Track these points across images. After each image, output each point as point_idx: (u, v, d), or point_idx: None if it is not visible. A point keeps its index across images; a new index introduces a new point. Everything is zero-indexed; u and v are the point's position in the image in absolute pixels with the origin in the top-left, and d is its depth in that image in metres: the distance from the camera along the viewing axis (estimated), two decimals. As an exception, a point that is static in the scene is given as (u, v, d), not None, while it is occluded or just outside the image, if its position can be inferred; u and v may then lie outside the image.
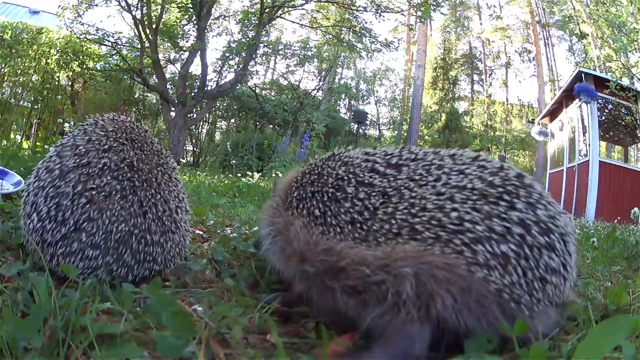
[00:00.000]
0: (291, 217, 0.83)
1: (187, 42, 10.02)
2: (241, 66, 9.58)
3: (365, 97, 18.69)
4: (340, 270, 0.73)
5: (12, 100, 9.61)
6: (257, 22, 9.28)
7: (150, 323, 0.69)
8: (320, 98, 13.92)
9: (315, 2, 10.20)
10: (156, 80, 9.31)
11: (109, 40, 9.19)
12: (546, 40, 18.00)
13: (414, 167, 0.79)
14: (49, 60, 9.56)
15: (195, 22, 9.42)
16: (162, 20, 9.09)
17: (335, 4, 10.34)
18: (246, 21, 9.65)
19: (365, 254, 0.71)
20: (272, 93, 14.42)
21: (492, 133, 19.12)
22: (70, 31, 8.99)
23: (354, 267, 0.71)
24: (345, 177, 0.80)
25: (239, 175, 5.77)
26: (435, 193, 0.73)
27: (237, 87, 10.68)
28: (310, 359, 0.67)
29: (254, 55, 9.90)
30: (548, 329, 0.72)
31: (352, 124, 13.94)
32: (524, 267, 0.67)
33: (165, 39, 10.01)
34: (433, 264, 0.67)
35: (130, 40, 9.59)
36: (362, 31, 10.23)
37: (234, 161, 7.81)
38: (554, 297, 0.70)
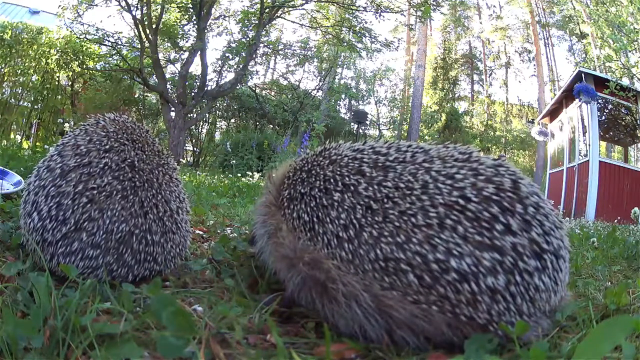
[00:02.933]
0: (282, 218, 0.83)
1: (187, 42, 10.02)
2: (241, 66, 9.57)
3: (365, 97, 18.67)
4: (326, 288, 0.74)
5: (12, 100, 9.60)
6: (257, 22, 9.28)
7: (150, 323, 0.69)
8: (320, 98, 13.93)
9: (315, 2, 10.20)
10: (156, 80, 9.30)
11: (109, 40, 9.18)
12: (546, 40, 18.00)
13: (401, 170, 0.76)
14: (49, 60, 9.55)
15: (195, 22, 9.42)
16: (162, 20, 9.08)
17: (335, 4, 10.34)
18: (246, 21, 9.65)
19: (356, 290, 0.71)
20: (272, 93, 14.42)
21: (492, 133, 19.13)
22: (70, 31, 8.99)
23: (344, 299, 0.72)
24: (332, 180, 0.79)
25: (239, 175, 5.77)
26: (421, 210, 0.70)
27: (237, 87, 10.68)
28: None
29: (254, 55, 9.90)
30: (541, 334, 0.72)
31: (352, 124, 13.94)
32: (514, 292, 0.67)
33: (165, 39, 10.01)
34: (418, 317, 0.68)
35: (130, 40, 9.58)
36: (362, 31, 10.23)
37: (234, 161, 7.81)
38: (544, 307, 0.70)
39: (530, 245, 0.68)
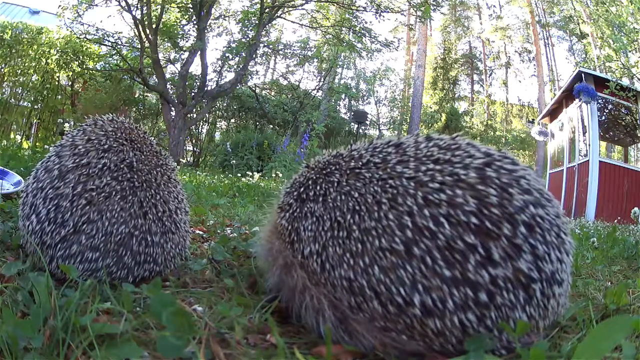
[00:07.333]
0: (272, 224, 0.85)
1: (187, 42, 10.02)
2: (241, 66, 9.57)
3: (365, 97, 18.67)
4: (294, 296, 0.75)
5: (12, 100, 9.60)
6: (257, 22, 9.28)
7: (150, 323, 0.69)
8: (320, 98, 13.92)
9: (315, 2, 10.19)
10: (156, 80, 9.30)
11: (109, 40, 9.18)
12: (546, 40, 18.01)
13: (370, 177, 0.70)
14: (49, 60, 9.55)
15: (195, 22, 9.42)
16: (162, 20, 9.08)
17: (335, 4, 10.33)
18: (246, 21, 9.66)
19: (322, 306, 0.70)
20: (272, 93, 14.41)
21: (492, 133, 19.12)
22: (70, 31, 8.99)
23: (311, 312, 0.72)
24: (305, 188, 0.78)
25: (239, 175, 5.77)
26: (388, 230, 0.64)
27: (237, 87, 10.68)
28: None
29: (254, 55, 9.90)
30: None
31: (352, 124, 13.94)
32: (489, 326, 0.62)
33: (165, 39, 10.01)
34: (389, 346, 0.66)
35: (130, 40, 9.59)
36: (362, 31, 10.23)
37: (234, 161, 7.81)
38: (533, 329, 0.67)
39: (514, 275, 0.62)
